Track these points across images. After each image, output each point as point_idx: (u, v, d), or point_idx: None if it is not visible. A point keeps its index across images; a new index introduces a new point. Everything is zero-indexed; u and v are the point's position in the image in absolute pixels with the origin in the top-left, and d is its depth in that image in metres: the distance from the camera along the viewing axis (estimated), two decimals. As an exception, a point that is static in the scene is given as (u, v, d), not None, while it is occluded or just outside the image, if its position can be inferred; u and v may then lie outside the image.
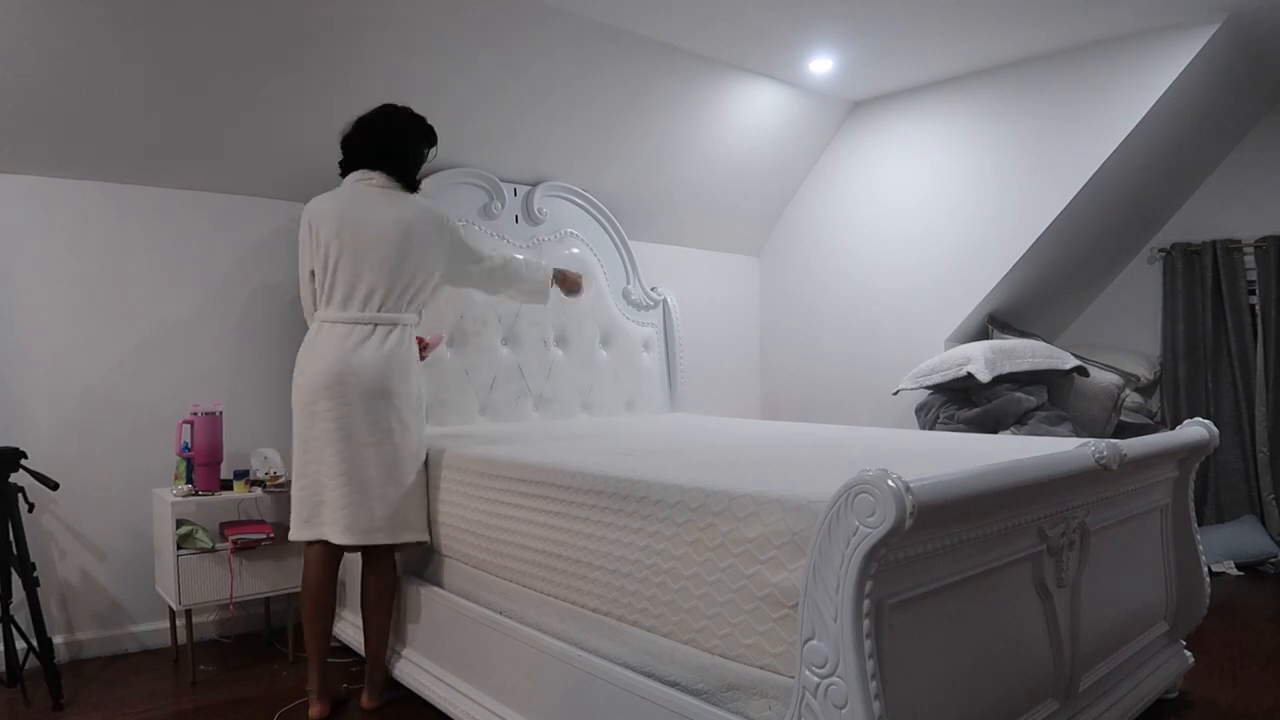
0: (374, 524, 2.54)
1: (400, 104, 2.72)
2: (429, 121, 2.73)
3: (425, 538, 2.68)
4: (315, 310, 2.63)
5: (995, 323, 4.40)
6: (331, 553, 2.61)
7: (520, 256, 3.05)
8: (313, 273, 2.61)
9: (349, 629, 3.03)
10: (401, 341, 2.58)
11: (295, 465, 2.60)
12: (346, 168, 2.67)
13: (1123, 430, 4.08)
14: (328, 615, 2.61)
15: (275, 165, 3.38)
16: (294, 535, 2.60)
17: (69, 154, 3.03)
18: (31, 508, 2.77)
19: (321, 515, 2.55)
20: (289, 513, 2.63)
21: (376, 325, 2.56)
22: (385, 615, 2.66)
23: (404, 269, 2.59)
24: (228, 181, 3.36)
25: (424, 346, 2.82)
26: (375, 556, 2.64)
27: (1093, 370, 4.10)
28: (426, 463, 2.72)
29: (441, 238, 2.68)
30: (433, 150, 2.77)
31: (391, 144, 2.64)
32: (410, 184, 2.68)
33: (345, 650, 3.08)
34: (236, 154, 3.28)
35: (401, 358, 2.57)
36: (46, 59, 2.74)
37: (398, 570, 2.75)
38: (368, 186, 2.61)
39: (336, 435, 2.50)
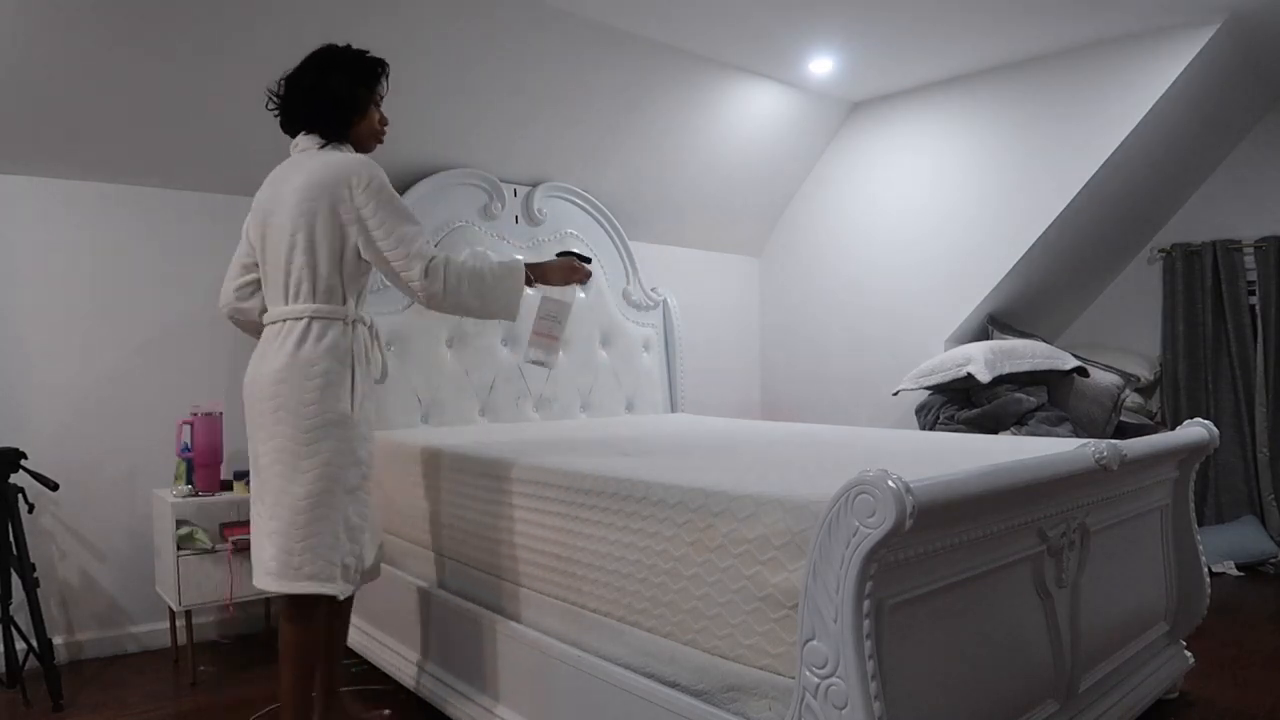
0: (261, 565, 2.11)
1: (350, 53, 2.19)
2: (371, 55, 2.22)
3: (328, 590, 2.08)
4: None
5: (995, 323, 4.40)
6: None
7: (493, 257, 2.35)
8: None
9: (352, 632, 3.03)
10: (304, 340, 2.08)
11: None
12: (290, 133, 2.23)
13: (1123, 430, 4.08)
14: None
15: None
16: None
17: (69, 154, 3.03)
18: (31, 508, 2.77)
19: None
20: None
21: (284, 320, 2.12)
22: (282, 671, 2.15)
23: (295, 244, 2.09)
24: (227, 181, 3.35)
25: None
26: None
27: (1093, 370, 4.10)
28: (427, 464, 2.71)
29: (342, 196, 2.07)
30: (381, 84, 2.21)
31: (315, 91, 2.14)
32: (336, 134, 2.16)
33: (345, 651, 3.07)
34: (236, 154, 3.27)
35: (299, 360, 2.07)
36: (46, 59, 2.74)
37: (302, 626, 2.14)
38: (295, 153, 2.20)
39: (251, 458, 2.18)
